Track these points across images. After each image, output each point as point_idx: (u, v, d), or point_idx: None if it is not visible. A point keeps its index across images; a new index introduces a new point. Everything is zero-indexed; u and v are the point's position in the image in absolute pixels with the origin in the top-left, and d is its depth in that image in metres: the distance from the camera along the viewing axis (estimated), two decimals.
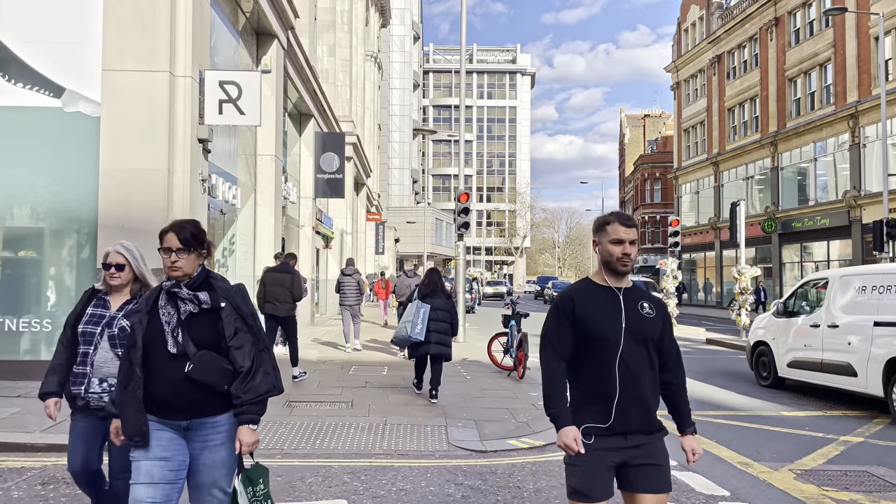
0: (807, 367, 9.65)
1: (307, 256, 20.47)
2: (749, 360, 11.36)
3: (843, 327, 8.96)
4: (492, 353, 11.27)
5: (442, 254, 73.73)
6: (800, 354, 9.82)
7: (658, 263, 22.12)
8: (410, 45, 77.51)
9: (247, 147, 13.69)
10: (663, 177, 52.39)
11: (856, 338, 8.70)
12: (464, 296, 16.41)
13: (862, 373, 8.51)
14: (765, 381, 10.72)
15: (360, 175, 32.10)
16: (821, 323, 9.36)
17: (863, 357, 8.52)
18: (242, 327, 3.00)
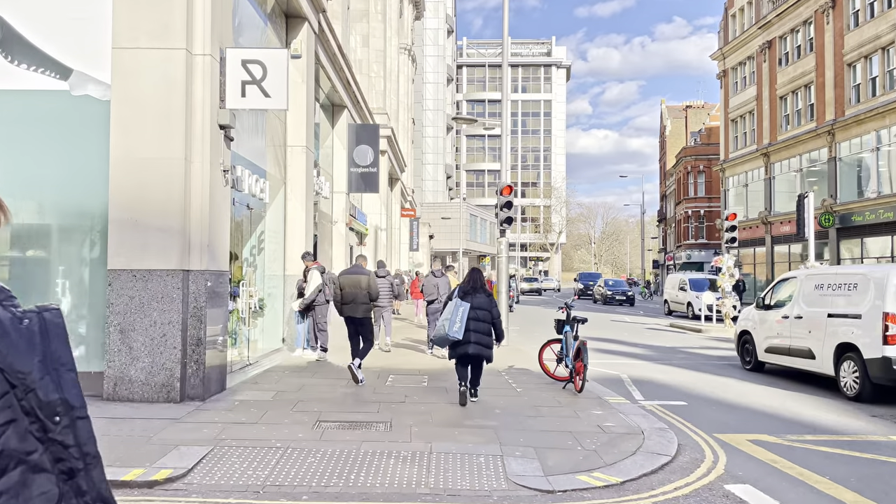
0: (779, 352, 11.47)
1: (340, 253, 19.59)
2: (736, 347, 13.35)
3: (805, 319, 10.76)
4: (543, 362, 10.18)
5: (477, 250, 72.62)
6: (774, 342, 11.65)
7: (714, 260, 20.75)
8: (444, 38, 76.43)
9: (276, 138, 12.79)
10: (707, 169, 50.46)
11: (814, 327, 10.48)
12: (507, 295, 15.32)
13: (819, 356, 10.28)
14: (748, 366, 12.67)
15: (395, 169, 31.18)
16: (790, 315, 11.17)
17: (819, 343, 10.30)
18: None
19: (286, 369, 10.61)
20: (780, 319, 11.43)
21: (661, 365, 13.08)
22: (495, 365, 11.54)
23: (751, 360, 12.51)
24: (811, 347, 10.44)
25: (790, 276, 12.09)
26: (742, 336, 13.02)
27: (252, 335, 12.19)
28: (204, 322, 7.86)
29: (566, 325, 9.72)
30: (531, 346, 16.74)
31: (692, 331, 20.53)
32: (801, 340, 10.77)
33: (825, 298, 10.37)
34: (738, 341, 13.17)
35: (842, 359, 9.73)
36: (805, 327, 10.68)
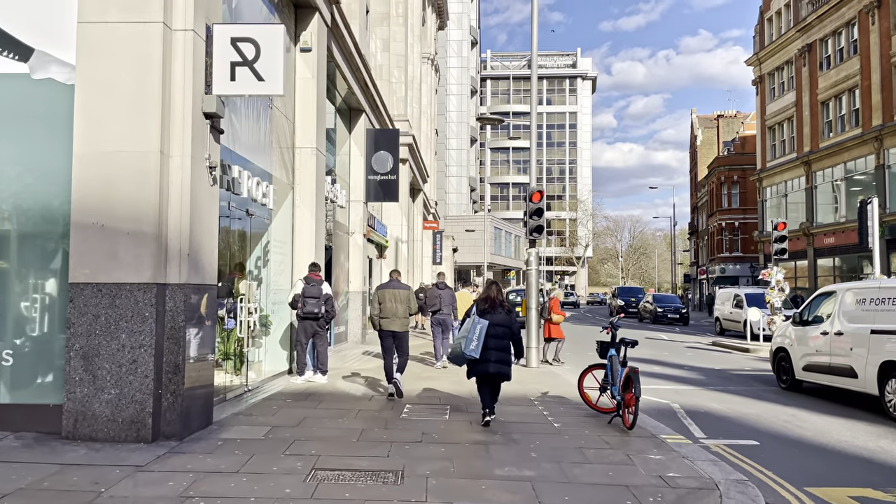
0: (818, 370, 10.84)
1: (357, 266, 18.38)
2: (772, 364, 12.58)
3: (846, 335, 10.17)
4: (584, 391, 8.76)
5: (501, 264, 71.17)
6: (812, 359, 11.03)
7: (761, 273, 19.13)
8: (468, 50, 75.61)
9: (283, 139, 11.62)
10: (742, 180, 48.55)
11: (856, 344, 9.89)
12: (537, 311, 13.93)
13: (861, 374, 9.71)
14: (784, 385, 11.98)
15: (417, 180, 29.99)
16: (829, 331, 10.58)
17: (862, 360, 9.73)
18: None
19: (289, 396, 9.33)
20: (818, 336, 10.87)
21: (715, 391, 11.57)
22: (526, 391, 10.19)
23: (787, 379, 11.88)
24: (853, 365, 9.90)
25: (829, 291, 11.36)
26: (778, 353, 12.34)
27: (254, 357, 10.96)
28: (183, 345, 6.62)
29: (611, 348, 8.32)
30: (562, 367, 15.32)
31: (738, 350, 18.90)
32: (842, 358, 10.23)
33: (869, 314, 9.90)
34: (774, 359, 12.48)
35: (887, 377, 9.23)
36: (846, 344, 10.15)
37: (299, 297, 10.44)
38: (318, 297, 10.42)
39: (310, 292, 10.40)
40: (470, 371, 7.82)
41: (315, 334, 10.63)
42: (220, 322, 9.67)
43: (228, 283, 10.18)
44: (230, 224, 9.84)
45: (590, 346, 19.87)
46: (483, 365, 7.61)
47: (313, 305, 10.35)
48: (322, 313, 10.50)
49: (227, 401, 8.78)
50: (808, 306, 11.69)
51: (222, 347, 9.96)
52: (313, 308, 10.34)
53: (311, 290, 10.43)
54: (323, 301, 10.52)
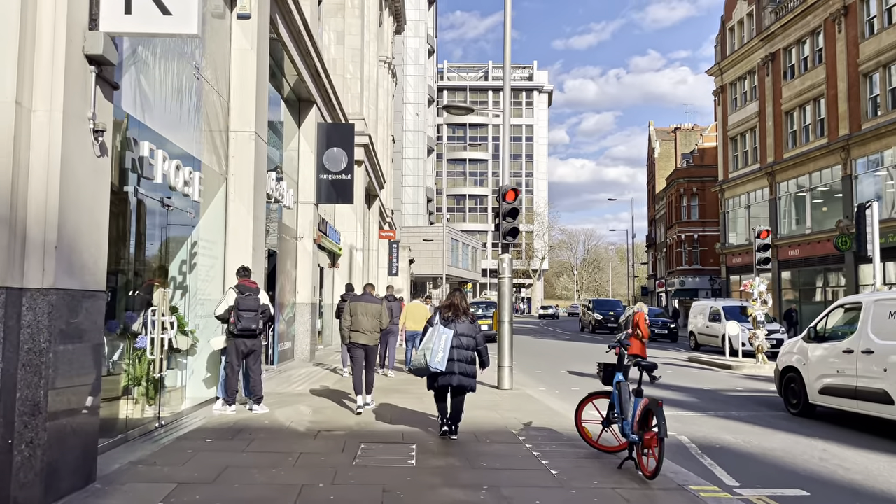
0: (840, 393, 9.40)
1: (307, 275, 16.45)
2: (778, 386, 11.14)
3: (878, 353, 8.75)
4: (582, 424, 7.07)
5: (459, 276, 69.61)
6: (832, 381, 9.57)
7: (743, 285, 17.91)
8: (425, 58, 74.33)
9: (214, 119, 9.73)
10: (701, 192, 48.10)
11: (891, 365, 8.48)
12: (510, 324, 12.27)
13: None
14: (794, 409, 10.51)
15: (373, 185, 28.18)
16: (855, 349, 9.12)
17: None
18: None
19: (213, 433, 7.42)
20: (840, 354, 9.41)
21: (718, 418, 10.04)
22: (505, 421, 8.49)
23: (798, 403, 10.41)
24: (887, 389, 8.45)
25: (851, 303, 9.98)
26: (786, 374, 10.80)
27: (174, 381, 8.99)
28: (46, 375, 4.71)
29: (617, 372, 6.68)
30: (536, 384, 13.71)
31: (720, 367, 17.59)
32: (872, 380, 8.75)
33: None
34: (781, 380, 10.94)
35: None
36: (878, 364, 8.67)
37: (233, 309, 8.56)
38: (256, 310, 8.55)
39: (245, 304, 8.53)
40: (431, 382, 7.33)
41: (249, 353, 8.74)
42: (130, 340, 7.76)
43: (144, 293, 8.25)
44: (143, 217, 7.91)
45: (560, 363, 18.50)
46: (447, 377, 7.18)
47: (250, 321, 8.48)
48: (260, 329, 8.64)
49: (129, 442, 6.83)
50: (823, 320, 10.29)
51: (132, 371, 7.99)
52: (250, 324, 8.47)
53: (247, 301, 8.56)
54: (261, 314, 8.66)
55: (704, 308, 24.47)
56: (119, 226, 7.39)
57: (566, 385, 13.88)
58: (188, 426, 7.82)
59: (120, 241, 7.33)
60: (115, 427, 6.95)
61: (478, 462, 6.34)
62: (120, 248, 7.35)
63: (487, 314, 29.11)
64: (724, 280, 39.53)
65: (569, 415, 9.30)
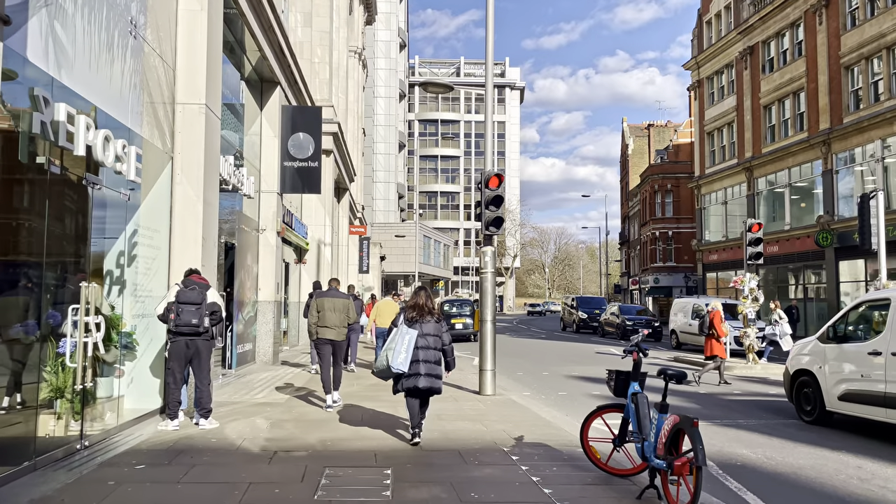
0: (865, 400, 8.45)
1: (269, 271, 15.15)
2: (788, 391, 10.12)
3: None
4: (589, 443, 5.95)
5: (430, 274, 68.46)
6: (855, 386, 8.64)
7: (733, 281, 17.07)
8: (396, 52, 72.97)
9: (157, 89, 8.43)
10: (676, 189, 47.67)
11: None
12: (493, 323, 11.16)
13: None
14: (808, 417, 9.54)
15: (342, 177, 26.89)
16: (883, 350, 8.23)
17: None
18: None
19: (147, 456, 6.18)
20: (865, 357, 8.43)
21: (728, 428, 9.04)
22: (493, 435, 7.39)
23: (813, 410, 9.43)
24: None
25: (877, 299, 9.01)
26: (798, 378, 9.82)
27: (109, 391, 7.70)
28: None
29: (632, 381, 5.60)
30: (519, 388, 12.65)
31: None
32: None
33: None
34: (792, 384, 9.94)
35: None
36: None
37: (172, 304, 7.32)
38: (199, 304, 7.31)
39: (186, 297, 7.30)
40: (397, 386, 7.06)
41: (193, 358, 7.49)
42: (52, 344, 6.49)
43: (72, 289, 6.98)
44: (61, 197, 6.62)
45: (542, 364, 17.52)
46: (413, 379, 6.91)
47: (191, 314, 7.24)
48: (205, 326, 7.39)
49: (39, 470, 5.55)
50: (843, 319, 9.33)
51: (53, 380, 6.71)
52: (191, 317, 7.23)
53: (189, 294, 7.33)
54: (207, 309, 7.41)
55: (686, 305, 23.65)
56: (34, 206, 6.11)
57: (552, 389, 12.85)
58: (119, 447, 6.56)
59: (34, 225, 6.05)
60: (22, 451, 5.67)
61: (467, 493, 5.22)
62: (34, 234, 6.06)
63: (463, 312, 27.99)
64: (701, 277, 39.01)
65: (563, 426, 8.26)
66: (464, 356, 19.83)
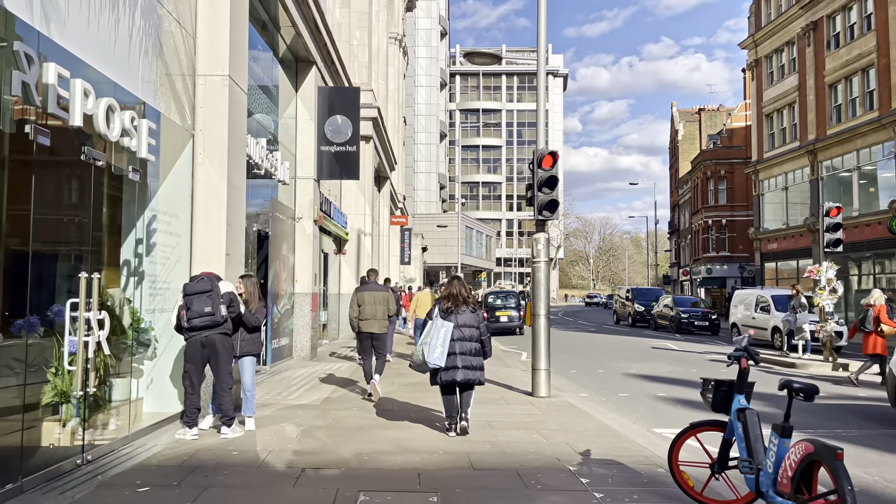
0: None
1: (306, 261, 14.35)
2: (892, 396, 8.87)
3: None
4: (679, 467, 4.88)
5: (472, 265, 67.44)
6: None
7: (808, 270, 15.62)
8: (437, 40, 71.96)
9: (174, 59, 7.58)
10: (730, 175, 45.57)
11: None
12: (547, 317, 10.09)
13: None
14: None
15: (383, 165, 26.03)
16: None
17: None
18: None
19: (155, 475, 5.33)
20: None
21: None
22: (554, 448, 6.35)
23: None
24: None
25: None
26: None
27: (125, 394, 6.91)
28: None
29: (737, 394, 4.50)
30: (574, 388, 11.55)
31: (780, 365, 15.28)
32: None
33: None
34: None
35: None
36: None
37: (181, 301, 6.51)
38: (210, 290, 6.43)
39: (194, 288, 6.45)
40: (434, 379, 6.90)
41: (211, 359, 6.63)
42: (56, 342, 5.73)
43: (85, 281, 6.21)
44: (54, 175, 5.81)
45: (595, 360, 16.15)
46: (451, 372, 6.76)
47: (204, 302, 6.37)
48: (222, 315, 6.49)
49: (25, 494, 4.73)
50: None
51: (58, 384, 5.93)
52: (203, 306, 6.37)
53: (196, 285, 6.49)
54: (221, 300, 6.52)
55: (748, 297, 22.08)
56: (21, 185, 5.30)
57: (611, 389, 11.73)
58: (126, 461, 5.74)
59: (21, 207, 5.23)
60: (9, 468, 4.87)
61: None
62: (21, 218, 5.25)
63: (507, 304, 26.92)
64: (758, 267, 37.08)
65: (633, 436, 7.16)
66: (511, 351, 18.79)
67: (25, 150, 4.97)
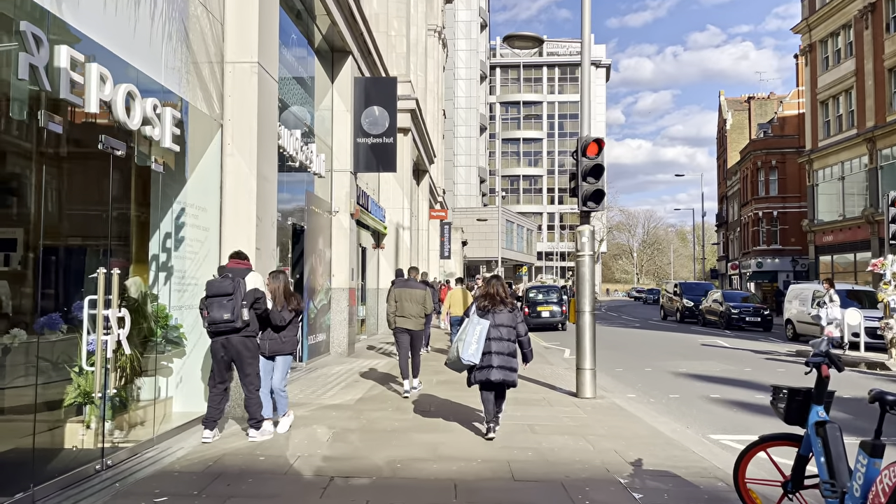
0: None
1: (343, 255, 14.07)
2: None
3: None
4: (746, 485, 4.35)
5: (513, 259, 66.75)
6: None
7: (871, 265, 14.68)
8: (477, 32, 71.26)
9: (201, 45, 7.29)
10: (781, 165, 43.91)
11: None
12: (592, 314, 9.56)
13: None
14: None
15: (422, 158, 25.68)
16: None
17: None
18: None
19: (174, 483, 5.04)
20: None
21: None
22: (602, 456, 5.86)
23: None
24: None
25: None
26: None
27: (154, 392, 6.67)
28: None
29: (815, 404, 3.95)
30: (621, 387, 10.97)
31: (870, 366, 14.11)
32: None
33: None
34: None
35: None
36: None
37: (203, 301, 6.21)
38: (231, 294, 6.10)
39: (214, 289, 6.12)
40: (471, 378, 6.87)
41: (234, 360, 6.32)
42: (80, 339, 5.50)
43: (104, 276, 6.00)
44: (72, 166, 5.56)
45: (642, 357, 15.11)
46: (485, 371, 6.70)
47: (222, 308, 6.04)
48: (244, 320, 6.17)
49: (36, 503, 4.47)
50: None
51: (82, 383, 5.70)
52: (221, 313, 6.03)
53: (218, 285, 6.15)
54: (244, 300, 6.19)
55: (803, 292, 21.01)
56: (29, 175, 5.05)
57: (660, 390, 11.13)
58: (148, 466, 5.46)
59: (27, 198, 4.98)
60: (20, 474, 4.61)
61: None
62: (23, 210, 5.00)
63: (549, 299, 26.28)
64: (812, 261, 35.60)
65: (688, 444, 6.64)
66: (553, 347, 18.23)
67: (37, 139, 4.70)
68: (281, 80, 11.77)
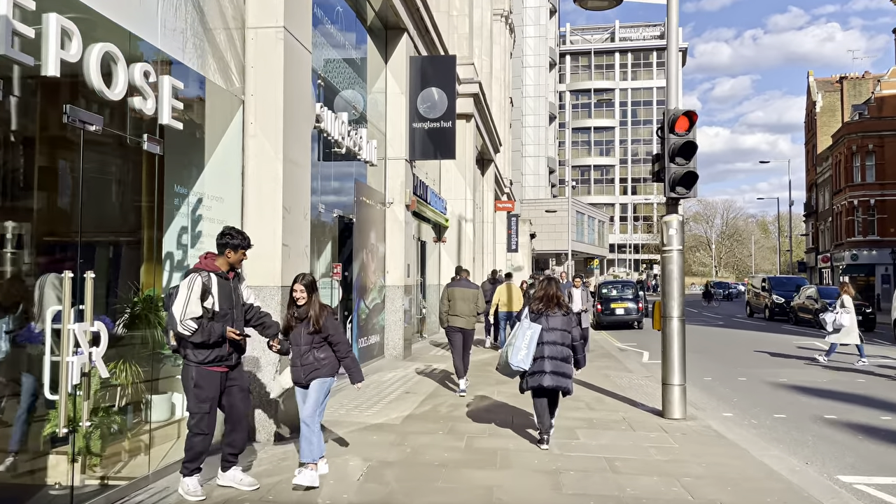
0: None
1: (398, 250, 12.95)
2: None
3: None
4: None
5: (584, 252, 64.56)
6: None
7: None
8: (546, 18, 69.06)
9: (216, 7, 6.21)
10: (879, 149, 40.31)
11: None
12: (682, 322, 8.07)
13: None
14: None
15: (486, 147, 24.35)
16: None
17: None
18: None
19: None
20: None
21: None
22: (682, 489, 4.45)
23: None
24: None
25: None
26: None
27: (160, 416, 5.67)
28: None
29: None
30: (714, 403, 9.17)
31: None
32: None
33: None
34: None
35: None
36: None
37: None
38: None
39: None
40: (523, 384, 6.58)
41: (230, 388, 5.10)
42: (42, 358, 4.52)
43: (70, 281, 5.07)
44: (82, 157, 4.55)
45: (731, 362, 13.00)
46: (537, 377, 6.40)
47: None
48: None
49: None
50: None
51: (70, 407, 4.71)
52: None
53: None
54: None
55: None
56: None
57: (761, 406, 9.49)
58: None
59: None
60: None
61: None
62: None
63: (624, 295, 24.49)
64: None
65: (815, 493, 5.13)
66: (629, 349, 16.63)
67: None
68: (329, 60, 10.71)
